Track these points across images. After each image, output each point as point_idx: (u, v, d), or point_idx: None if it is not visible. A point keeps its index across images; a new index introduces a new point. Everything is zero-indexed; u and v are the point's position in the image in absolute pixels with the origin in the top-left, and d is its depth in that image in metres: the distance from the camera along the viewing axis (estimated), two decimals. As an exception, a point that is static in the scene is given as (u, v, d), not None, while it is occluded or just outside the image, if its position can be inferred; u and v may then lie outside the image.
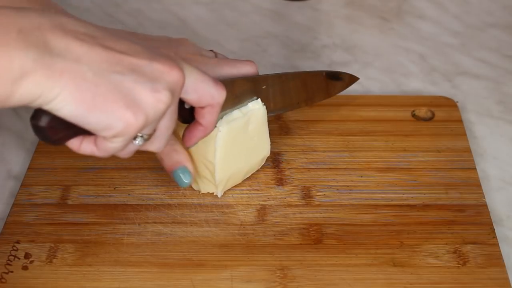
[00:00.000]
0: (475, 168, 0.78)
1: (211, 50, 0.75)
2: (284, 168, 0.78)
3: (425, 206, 0.74)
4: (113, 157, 0.73)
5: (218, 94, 0.64)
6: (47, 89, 0.52)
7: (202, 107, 0.65)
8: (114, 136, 0.57)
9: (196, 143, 0.67)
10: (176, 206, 0.74)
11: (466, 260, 0.69)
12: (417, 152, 0.80)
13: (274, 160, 0.79)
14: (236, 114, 0.72)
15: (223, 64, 0.73)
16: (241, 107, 0.72)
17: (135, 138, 0.59)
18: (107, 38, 0.56)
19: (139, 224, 0.72)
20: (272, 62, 0.97)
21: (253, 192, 0.76)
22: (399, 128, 0.83)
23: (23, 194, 0.75)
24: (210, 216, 0.73)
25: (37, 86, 0.52)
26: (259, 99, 0.73)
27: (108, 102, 0.55)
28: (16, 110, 0.88)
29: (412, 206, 0.74)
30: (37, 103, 0.53)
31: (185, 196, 0.75)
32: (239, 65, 0.74)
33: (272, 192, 0.76)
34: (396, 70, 0.96)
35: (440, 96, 0.88)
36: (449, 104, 0.87)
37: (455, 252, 0.69)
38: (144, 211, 0.73)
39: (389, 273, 0.68)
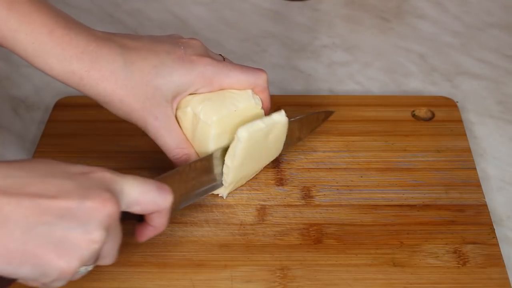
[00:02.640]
0: (475, 168, 0.78)
1: (220, 55, 0.75)
2: (284, 168, 0.78)
3: (425, 206, 0.74)
4: (113, 157, 0.74)
5: (163, 201, 0.61)
6: None
7: (150, 213, 0.63)
8: (52, 281, 0.56)
9: (148, 239, 0.65)
10: (176, 206, 0.74)
11: (466, 260, 0.69)
12: (417, 152, 0.80)
13: (274, 160, 0.79)
14: (258, 125, 0.71)
15: (233, 68, 0.73)
16: (265, 117, 0.72)
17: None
18: (34, 183, 0.55)
19: (139, 224, 0.72)
20: (272, 62, 0.97)
21: (253, 192, 0.76)
22: (399, 128, 0.83)
23: (23, 194, 0.75)
24: (210, 216, 0.73)
25: None
26: (282, 110, 0.73)
27: (38, 256, 0.54)
28: (16, 110, 0.88)
29: (412, 206, 0.74)
30: None
31: (185, 196, 0.75)
32: (249, 71, 0.73)
33: (272, 192, 0.76)
34: (396, 70, 0.96)
35: (440, 96, 0.88)
36: (449, 104, 0.87)
37: (455, 252, 0.69)
38: (144, 211, 0.73)
39: (389, 273, 0.68)
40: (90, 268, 0.58)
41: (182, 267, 0.68)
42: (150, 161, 0.78)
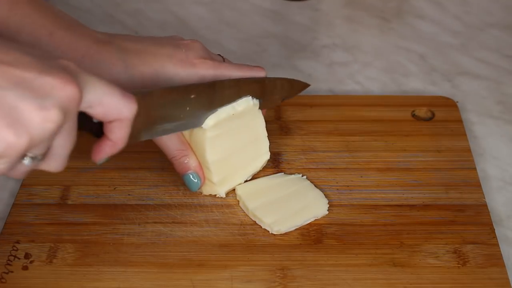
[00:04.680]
0: (475, 168, 0.78)
1: (219, 55, 0.75)
2: (284, 168, 0.78)
3: (425, 206, 0.74)
4: (114, 157, 0.74)
5: (127, 109, 0.58)
6: None
7: (111, 122, 0.59)
8: None
9: (105, 158, 0.61)
10: (176, 206, 0.74)
11: (466, 260, 0.69)
12: (417, 152, 0.80)
13: (274, 160, 0.79)
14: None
15: (233, 69, 0.73)
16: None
17: (24, 158, 0.53)
18: None
19: (139, 224, 0.72)
20: (272, 62, 0.97)
21: (253, 192, 0.76)
22: (399, 128, 0.83)
23: (23, 194, 0.75)
24: (210, 216, 0.73)
25: None
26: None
27: None
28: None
29: (412, 206, 0.74)
30: None
31: (185, 196, 0.75)
32: (248, 71, 0.73)
33: (272, 192, 0.76)
34: (396, 70, 0.96)
35: (440, 96, 0.88)
36: (449, 104, 0.87)
37: (455, 252, 0.69)
38: (144, 211, 0.73)
39: (389, 273, 0.68)
40: (35, 162, 0.54)
41: (182, 267, 0.68)
42: (150, 161, 0.78)
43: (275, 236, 0.71)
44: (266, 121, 0.75)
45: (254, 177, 0.77)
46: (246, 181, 0.76)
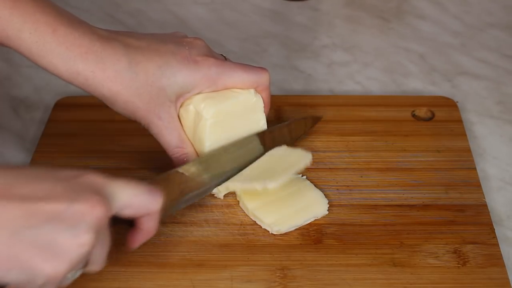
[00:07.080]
0: (475, 168, 0.78)
1: (221, 55, 0.75)
2: (284, 168, 0.78)
3: (425, 206, 0.74)
4: (114, 157, 0.74)
5: (154, 203, 0.62)
6: None
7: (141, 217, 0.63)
8: (41, 286, 0.55)
9: (140, 245, 0.65)
10: (176, 206, 0.74)
11: (466, 260, 0.69)
12: (417, 152, 0.80)
13: (274, 160, 0.79)
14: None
15: (237, 68, 0.73)
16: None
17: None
18: (21, 185, 0.54)
19: (139, 224, 0.72)
20: (272, 62, 0.97)
21: (253, 192, 0.76)
22: (399, 128, 0.83)
23: (23, 194, 0.75)
24: (210, 216, 0.73)
25: None
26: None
27: (25, 260, 0.53)
28: (16, 110, 0.88)
29: (412, 206, 0.74)
30: None
31: (185, 196, 0.75)
32: (252, 71, 0.74)
33: (272, 192, 0.76)
34: (396, 70, 0.96)
35: (440, 96, 0.88)
36: (449, 104, 0.87)
37: (455, 252, 0.69)
38: (144, 211, 0.73)
39: (389, 273, 0.68)
40: (77, 274, 0.58)
41: (182, 267, 0.68)
42: (150, 161, 0.78)
43: (275, 236, 0.71)
44: (267, 121, 0.75)
45: (254, 177, 0.77)
46: (246, 181, 0.76)
